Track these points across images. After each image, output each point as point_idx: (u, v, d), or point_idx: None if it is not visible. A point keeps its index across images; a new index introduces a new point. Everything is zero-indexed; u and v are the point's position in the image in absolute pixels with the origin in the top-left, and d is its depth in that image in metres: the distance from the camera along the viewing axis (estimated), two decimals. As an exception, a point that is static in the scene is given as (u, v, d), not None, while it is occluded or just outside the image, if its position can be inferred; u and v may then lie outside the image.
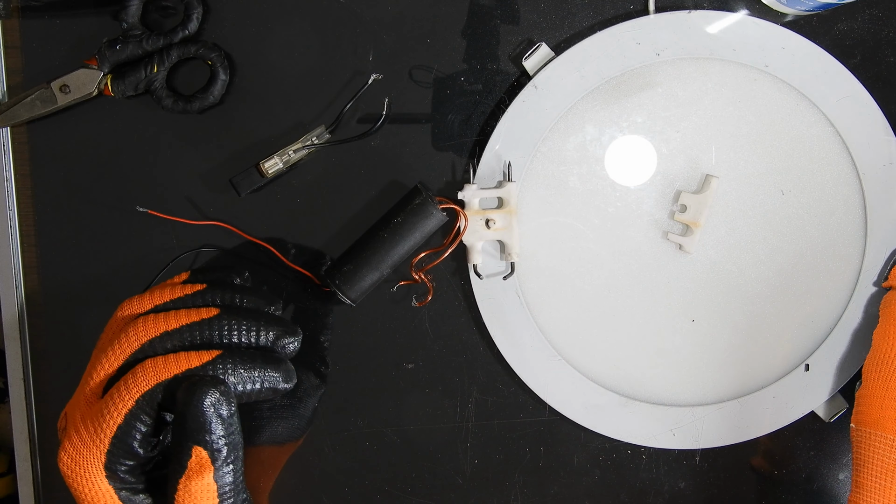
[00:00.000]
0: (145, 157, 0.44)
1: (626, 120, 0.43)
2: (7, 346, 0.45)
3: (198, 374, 0.30)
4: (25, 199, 0.44)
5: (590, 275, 0.44)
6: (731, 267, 0.43)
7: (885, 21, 0.43)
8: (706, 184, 0.42)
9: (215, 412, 0.30)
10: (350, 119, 0.43)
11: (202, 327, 0.32)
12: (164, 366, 0.30)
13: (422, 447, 0.45)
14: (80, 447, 0.30)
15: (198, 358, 0.31)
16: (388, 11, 0.43)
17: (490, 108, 0.43)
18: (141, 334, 0.32)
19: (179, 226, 0.43)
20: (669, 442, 0.44)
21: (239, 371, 0.31)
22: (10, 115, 0.42)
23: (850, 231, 0.43)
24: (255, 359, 0.32)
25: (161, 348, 0.32)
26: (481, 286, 0.43)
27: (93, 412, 0.30)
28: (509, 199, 0.42)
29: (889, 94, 0.42)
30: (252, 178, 0.42)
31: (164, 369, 0.30)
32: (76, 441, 0.30)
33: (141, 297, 0.35)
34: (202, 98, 0.42)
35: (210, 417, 0.29)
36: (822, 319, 0.44)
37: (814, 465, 0.45)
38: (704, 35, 0.42)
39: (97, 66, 0.41)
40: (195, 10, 0.41)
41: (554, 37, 0.43)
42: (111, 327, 0.35)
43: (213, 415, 0.29)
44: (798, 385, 0.43)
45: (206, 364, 0.30)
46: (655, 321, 0.44)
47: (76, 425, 0.31)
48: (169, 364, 0.30)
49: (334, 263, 0.41)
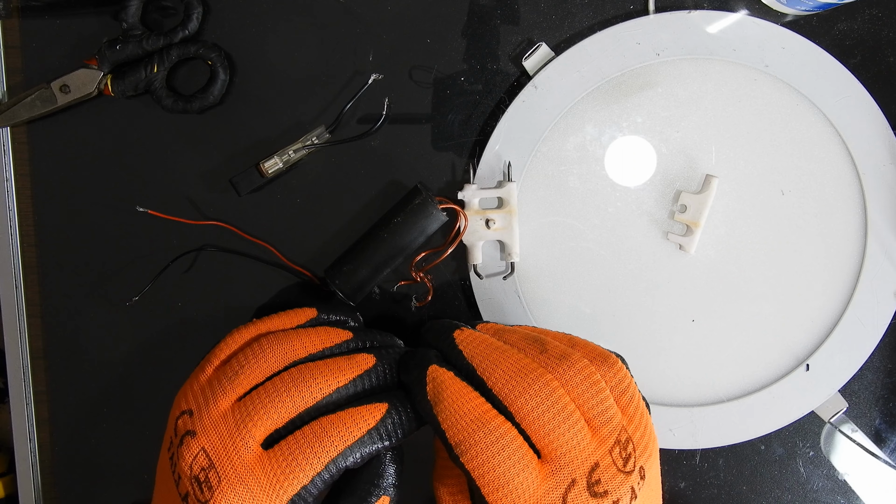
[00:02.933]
0: (145, 157, 0.44)
1: (626, 120, 0.43)
2: (7, 346, 0.45)
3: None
4: (25, 199, 0.44)
5: (590, 275, 0.44)
6: (731, 267, 0.43)
7: (885, 21, 0.43)
8: (706, 184, 0.42)
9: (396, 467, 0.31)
10: (350, 119, 0.43)
11: (368, 378, 0.32)
12: (345, 429, 0.30)
13: (422, 447, 0.45)
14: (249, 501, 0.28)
15: (372, 416, 0.30)
16: (388, 11, 0.43)
17: (490, 108, 0.43)
18: (315, 390, 0.31)
19: (179, 226, 0.43)
20: (669, 442, 0.44)
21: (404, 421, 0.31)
22: (10, 115, 0.42)
23: (850, 231, 0.43)
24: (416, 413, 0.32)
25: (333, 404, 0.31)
26: (481, 286, 0.43)
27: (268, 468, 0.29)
28: (509, 199, 0.42)
29: (889, 94, 0.42)
30: (252, 178, 0.42)
31: (347, 433, 0.29)
32: (244, 496, 0.28)
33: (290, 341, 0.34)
34: (202, 98, 0.42)
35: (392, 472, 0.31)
36: (822, 319, 0.44)
37: (813, 466, 0.45)
38: (704, 35, 0.42)
39: (97, 66, 0.41)
40: (195, 10, 0.41)
41: (554, 37, 0.43)
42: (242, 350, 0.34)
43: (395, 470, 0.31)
44: (798, 385, 0.43)
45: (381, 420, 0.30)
46: (655, 321, 0.44)
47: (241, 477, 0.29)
48: (349, 427, 0.30)
49: (334, 263, 0.41)
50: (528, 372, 0.30)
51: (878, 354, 0.44)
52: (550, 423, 0.28)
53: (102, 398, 0.45)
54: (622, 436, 0.30)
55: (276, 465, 0.29)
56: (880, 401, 0.45)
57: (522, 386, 0.29)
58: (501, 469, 0.28)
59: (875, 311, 0.43)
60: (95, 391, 0.45)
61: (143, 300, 0.44)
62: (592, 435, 0.29)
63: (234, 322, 0.44)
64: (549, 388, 0.29)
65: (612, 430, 0.29)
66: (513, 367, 0.30)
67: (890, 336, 0.44)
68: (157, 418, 0.45)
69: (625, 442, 0.29)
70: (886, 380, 0.45)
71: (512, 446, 0.28)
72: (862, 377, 0.45)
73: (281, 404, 0.30)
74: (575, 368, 0.30)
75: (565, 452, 0.28)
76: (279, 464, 0.29)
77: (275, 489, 0.28)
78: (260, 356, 0.32)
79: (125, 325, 0.45)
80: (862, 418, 0.45)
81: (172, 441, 0.31)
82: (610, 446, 0.29)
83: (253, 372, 0.32)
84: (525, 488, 0.27)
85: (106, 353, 0.45)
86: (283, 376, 0.32)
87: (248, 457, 0.29)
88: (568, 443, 0.28)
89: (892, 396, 0.45)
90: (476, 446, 0.28)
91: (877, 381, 0.45)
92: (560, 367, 0.30)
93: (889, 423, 0.45)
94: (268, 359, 0.32)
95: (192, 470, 0.29)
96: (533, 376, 0.30)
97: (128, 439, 0.45)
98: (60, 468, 0.46)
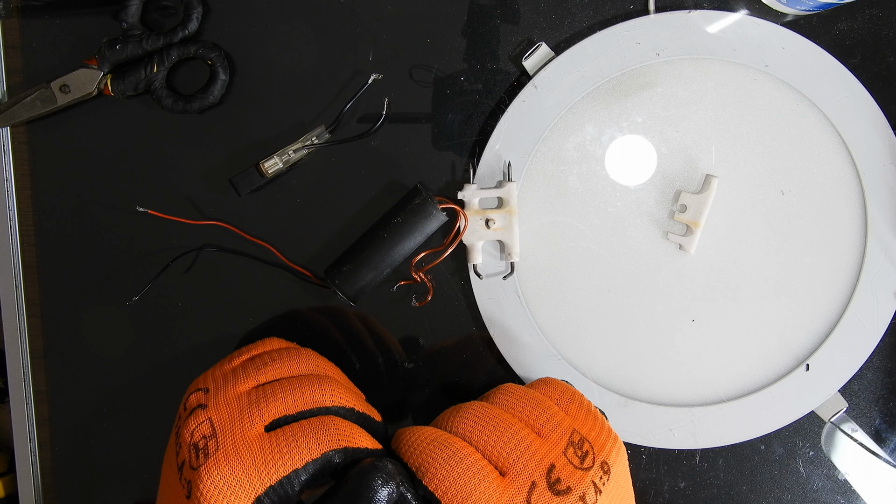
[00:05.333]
0: (145, 157, 0.44)
1: (626, 120, 0.43)
2: (7, 346, 0.45)
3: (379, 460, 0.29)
4: (25, 199, 0.44)
5: (590, 275, 0.43)
6: (731, 267, 0.43)
7: (885, 21, 0.43)
8: (706, 184, 0.42)
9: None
10: (350, 119, 0.43)
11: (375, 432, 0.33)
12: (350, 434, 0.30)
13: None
14: (240, 474, 0.28)
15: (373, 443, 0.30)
16: (388, 11, 0.43)
17: (490, 108, 0.43)
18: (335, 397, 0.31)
19: (179, 226, 0.43)
20: (669, 442, 0.44)
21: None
22: (10, 115, 0.42)
23: (850, 231, 0.43)
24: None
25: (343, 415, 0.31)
26: (481, 286, 0.43)
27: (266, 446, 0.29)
28: (509, 199, 0.42)
29: (889, 94, 0.42)
30: (252, 178, 0.42)
31: (351, 438, 0.30)
32: (236, 467, 0.28)
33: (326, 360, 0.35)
34: (202, 98, 0.42)
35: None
36: (822, 319, 0.44)
37: (813, 466, 0.45)
38: (704, 35, 0.41)
39: (97, 66, 0.41)
40: (195, 9, 0.41)
41: (554, 37, 0.43)
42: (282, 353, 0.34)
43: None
44: (798, 385, 0.43)
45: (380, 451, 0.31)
46: (655, 321, 0.44)
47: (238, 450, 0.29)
48: (355, 435, 0.30)
49: (334, 263, 0.41)
50: (467, 406, 0.32)
51: (878, 354, 0.44)
52: (497, 437, 0.30)
53: (102, 398, 0.45)
54: (574, 437, 0.31)
55: (273, 445, 0.29)
56: (880, 400, 0.45)
57: (462, 415, 0.31)
58: (462, 481, 0.28)
59: (875, 311, 0.43)
60: (95, 391, 0.45)
61: (143, 300, 0.44)
62: (543, 441, 0.30)
63: (234, 322, 0.44)
64: (490, 412, 0.31)
65: (562, 433, 0.31)
66: (454, 409, 0.32)
67: (890, 336, 0.44)
68: (158, 418, 0.45)
69: (579, 442, 0.31)
70: (886, 380, 0.45)
71: (469, 459, 0.29)
72: (862, 377, 0.45)
73: (300, 395, 0.31)
74: (508, 391, 0.33)
75: (518, 458, 0.29)
76: (277, 444, 0.29)
77: (267, 467, 0.28)
78: (294, 357, 0.34)
79: (125, 325, 0.45)
80: (862, 418, 0.45)
81: (181, 416, 0.32)
82: (563, 448, 0.30)
83: (282, 368, 0.33)
84: (488, 497, 0.28)
85: (106, 353, 0.45)
86: (310, 375, 0.32)
87: (251, 433, 0.30)
88: (517, 449, 0.30)
89: (892, 396, 0.45)
90: (434, 463, 0.29)
91: (877, 380, 0.45)
92: (495, 395, 0.33)
93: (889, 422, 0.45)
94: (300, 362, 0.34)
95: (193, 437, 0.30)
96: (473, 408, 0.32)
97: (128, 439, 0.45)
98: (60, 468, 0.46)
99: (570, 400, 0.33)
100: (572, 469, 0.29)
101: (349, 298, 0.41)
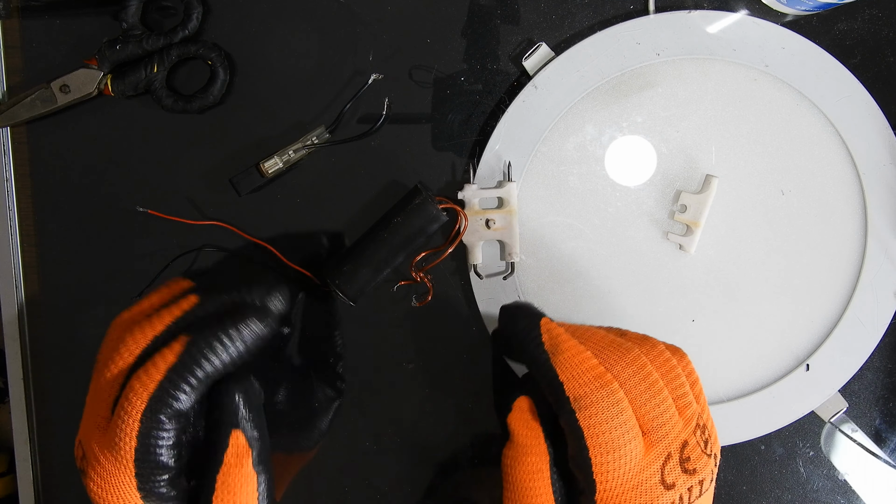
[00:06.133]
0: (145, 157, 0.44)
1: (626, 120, 0.43)
2: (7, 346, 0.45)
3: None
4: (25, 199, 0.44)
5: (590, 275, 0.43)
6: (731, 267, 0.43)
7: (885, 21, 0.43)
8: (706, 184, 0.42)
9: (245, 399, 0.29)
10: (350, 119, 0.43)
11: (187, 318, 0.31)
12: (147, 378, 0.29)
13: (422, 447, 0.45)
14: (106, 476, 0.29)
15: (172, 354, 0.29)
16: (388, 11, 0.43)
17: (490, 108, 0.43)
18: (133, 348, 0.30)
19: (179, 226, 0.43)
20: (669, 442, 0.44)
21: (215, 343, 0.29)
22: (10, 115, 0.42)
23: (850, 231, 0.43)
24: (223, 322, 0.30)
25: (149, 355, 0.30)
26: (481, 286, 0.43)
27: (107, 439, 0.29)
28: (509, 199, 0.42)
29: (889, 94, 0.42)
30: (252, 178, 0.42)
31: (150, 381, 0.29)
32: (100, 470, 0.29)
33: (130, 308, 0.33)
34: (202, 98, 0.42)
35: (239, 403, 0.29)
36: (822, 319, 0.44)
37: (813, 466, 0.45)
38: (704, 35, 0.42)
39: (97, 66, 0.41)
40: (195, 10, 0.41)
41: (554, 37, 0.43)
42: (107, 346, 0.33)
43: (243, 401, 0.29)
44: (798, 385, 0.43)
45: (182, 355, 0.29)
46: (655, 321, 0.44)
47: (95, 454, 0.29)
48: (150, 373, 0.29)
49: (334, 263, 0.41)
50: (618, 345, 0.30)
51: (878, 354, 0.44)
52: (646, 394, 0.29)
53: (102, 398, 0.45)
54: (700, 420, 0.30)
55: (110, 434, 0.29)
56: (880, 401, 0.45)
57: (616, 356, 0.30)
58: (616, 433, 0.28)
59: (875, 311, 0.43)
60: (95, 391, 0.45)
61: (143, 300, 0.44)
62: (681, 414, 0.30)
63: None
64: (641, 361, 0.30)
65: (692, 413, 0.30)
66: (603, 340, 0.31)
67: (890, 336, 0.44)
68: (157, 418, 0.45)
69: (703, 426, 0.30)
70: (886, 380, 0.45)
71: (627, 412, 0.28)
72: (862, 377, 0.45)
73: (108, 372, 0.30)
74: (657, 350, 0.31)
75: (661, 425, 0.29)
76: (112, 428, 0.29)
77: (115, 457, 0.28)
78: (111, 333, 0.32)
79: (125, 325, 0.45)
80: (862, 418, 0.45)
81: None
82: (693, 428, 0.30)
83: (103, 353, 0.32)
84: (632, 457, 0.28)
85: (106, 353, 0.45)
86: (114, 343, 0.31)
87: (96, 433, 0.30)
88: (663, 415, 0.29)
89: (892, 396, 0.45)
90: (595, 405, 0.28)
91: (877, 381, 0.45)
92: (644, 346, 0.31)
93: (889, 422, 0.45)
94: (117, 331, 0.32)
95: (76, 457, 0.31)
96: (624, 349, 0.30)
97: (128, 439, 0.45)
98: (60, 468, 0.46)
99: (695, 382, 0.32)
100: (700, 452, 0.29)
101: (349, 298, 0.41)
